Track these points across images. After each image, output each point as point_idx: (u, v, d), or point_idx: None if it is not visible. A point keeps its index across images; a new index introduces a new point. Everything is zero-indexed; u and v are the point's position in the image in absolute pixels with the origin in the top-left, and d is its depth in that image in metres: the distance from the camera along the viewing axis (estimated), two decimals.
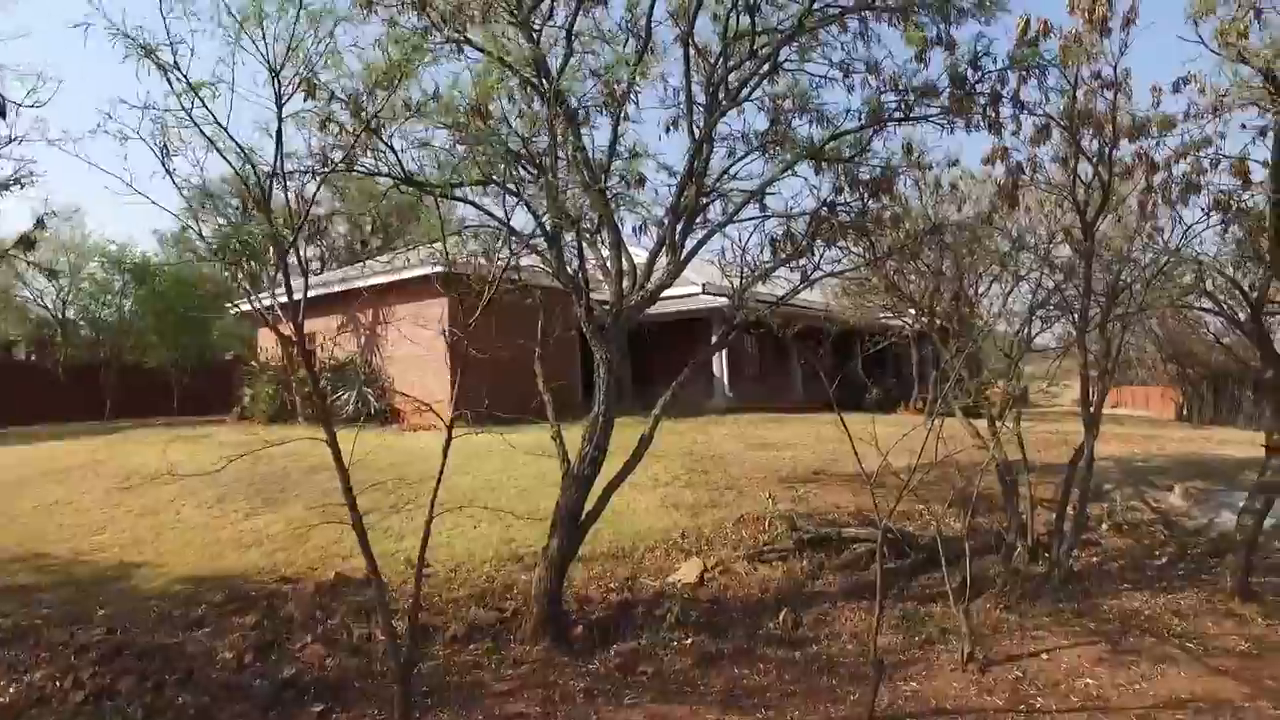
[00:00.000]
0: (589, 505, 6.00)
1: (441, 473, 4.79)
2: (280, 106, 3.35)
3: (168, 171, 3.30)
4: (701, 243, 6.09)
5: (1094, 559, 7.63)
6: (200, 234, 5.43)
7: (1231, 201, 7.54)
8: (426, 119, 5.37)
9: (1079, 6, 6.19)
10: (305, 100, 4.61)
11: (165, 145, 3.29)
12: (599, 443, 5.87)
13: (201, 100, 3.14)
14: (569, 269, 5.63)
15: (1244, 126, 6.86)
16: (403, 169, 5.21)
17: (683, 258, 5.88)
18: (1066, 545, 6.93)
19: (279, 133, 3.37)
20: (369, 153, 5.46)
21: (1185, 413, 21.62)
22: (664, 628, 5.87)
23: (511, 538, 7.60)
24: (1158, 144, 7.18)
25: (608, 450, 5.97)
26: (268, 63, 3.24)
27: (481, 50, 5.25)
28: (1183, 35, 5.69)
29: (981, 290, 16.37)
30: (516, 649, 5.64)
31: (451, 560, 7.14)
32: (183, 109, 3.15)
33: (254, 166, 3.46)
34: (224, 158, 3.34)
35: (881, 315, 13.01)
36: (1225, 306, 8.36)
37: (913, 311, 8.54)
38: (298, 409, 15.78)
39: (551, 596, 5.77)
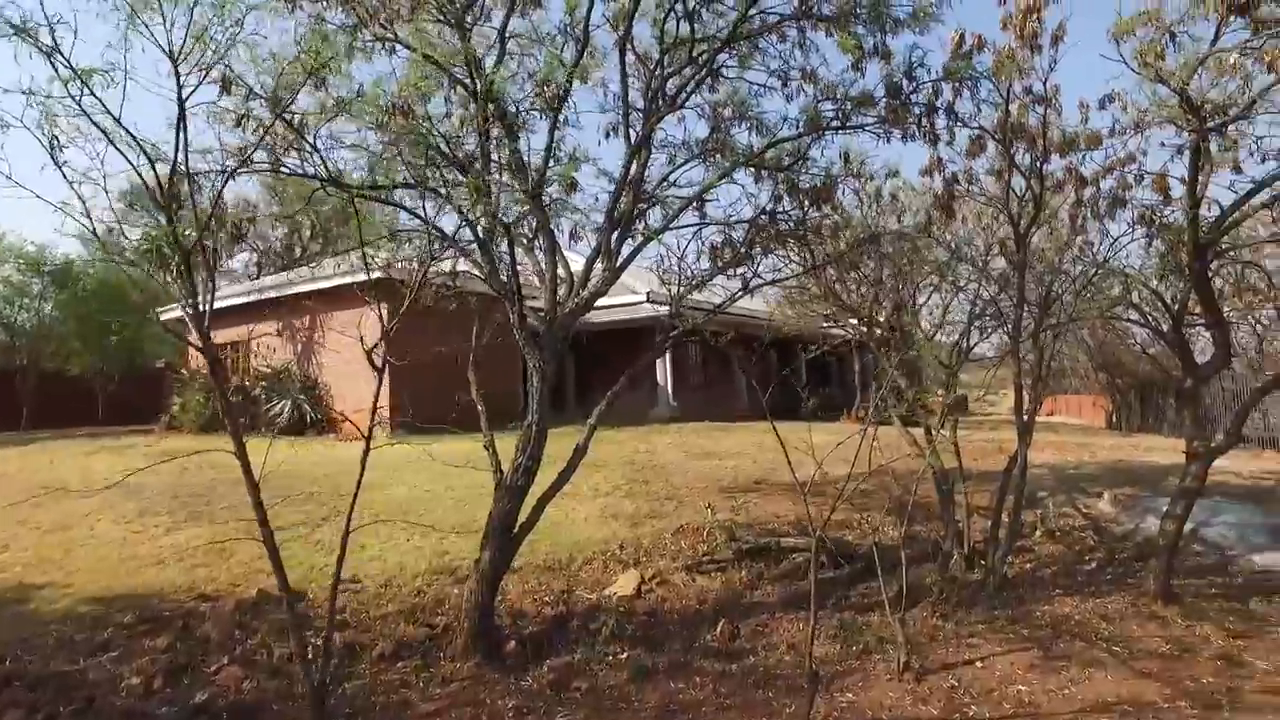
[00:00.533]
0: (523, 516, 5.85)
1: (359, 486, 4.61)
2: (182, 98, 3.14)
3: (57, 165, 3.06)
4: (638, 250, 6.01)
5: (1028, 565, 7.76)
6: (91, 233, 5.05)
7: (1154, 217, 7.80)
8: (355, 119, 5.18)
9: (1011, 23, 6.34)
10: (220, 95, 4.38)
11: (54, 137, 3.05)
12: (532, 452, 5.73)
13: (89, 88, 2.91)
14: (501, 275, 5.48)
15: (1164, 144, 7.09)
16: (326, 169, 5.01)
17: (618, 265, 5.78)
18: (1001, 553, 7.03)
19: (180, 126, 3.15)
20: (294, 152, 5.25)
21: (1115, 421, 22.37)
22: (599, 641, 5.74)
23: (446, 550, 7.39)
24: (1083, 159, 7.39)
25: (543, 460, 5.82)
26: (168, 50, 3.03)
27: (408, 47, 5.09)
28: (1106, 54, 5.84)
29: (922, 300, 16.69)
30: (446, 666, 5.45)
31: (383, 574, 6.90)
32: (70, 96, 2.92)
33: (153, 163, 3.24)
34: (119, 151, 3.11)
35: (825, 324, 13.15)
36: (1150, 318, 8.64)
37: (854, 321, 8.60)
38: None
39: (483, 611, 5.59)
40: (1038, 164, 6.65)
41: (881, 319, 9.75)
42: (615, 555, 7.31)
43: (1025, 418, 7.01)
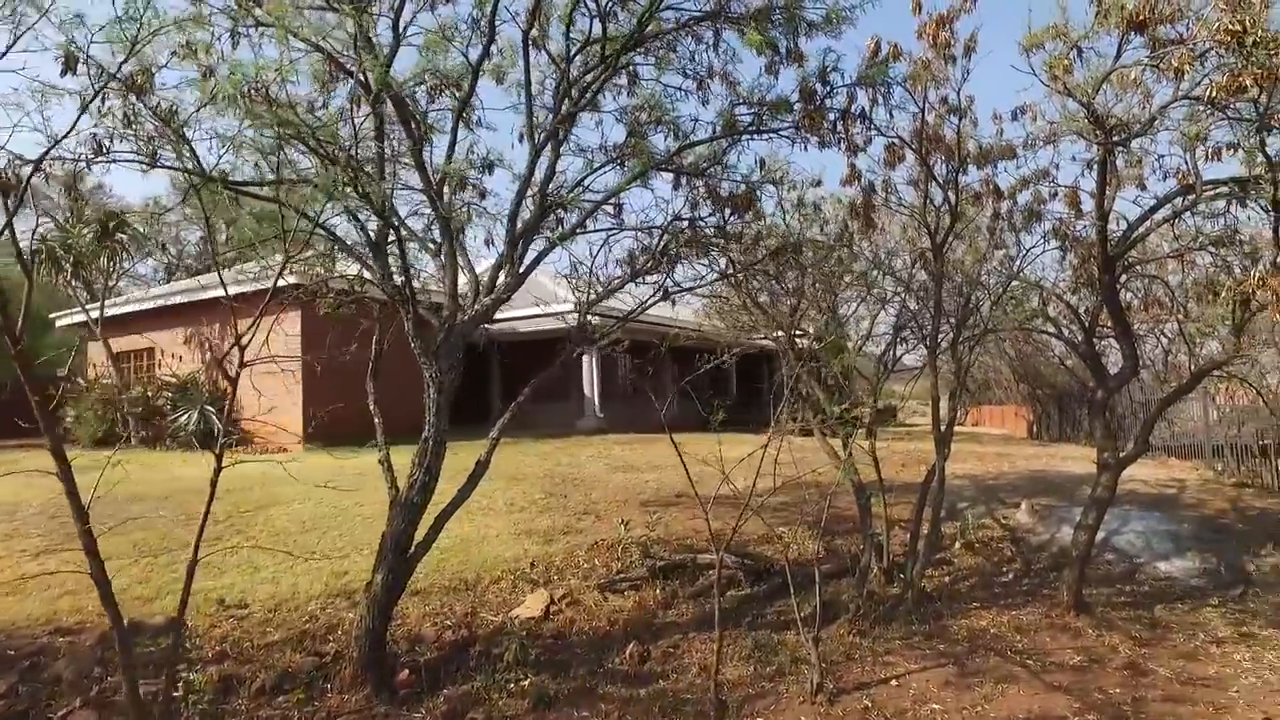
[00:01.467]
0: (421, 535, 5.49)
1: (209, 507, 4.17)
2: None
3: None
4: (542, 255, 5.74)
5: (946, 578, 7.72)
6: None
7: (1067, 231, 7.92)
8: (232, 111, 4.77)
9: (925, 32, 6.31)
10: (64, 75, 3.94)
11: None
12: (429, 467, 5.38)
13: None
14: (395, 280, 5.13)
15: (1074, 159, 7.20)
16: (198, 163, 4.59)
17: (521, 271, 5.50)
18: (919, 566, 6.95)
19: None
20: (167, 144, 4.81)
21: (1036, 431, 23.03)
22: (501, 668, 5.40)
23: (346, 570, 6.94)
24: (996, 170, 7.44)
25: (439, 475, 5.47)
26: None
27: (295, 34, 4.72)
28: (1016, 66, 5.85)
29: (847, 311, 16.80)
30: (333, 699, 5.04)
31: (274, 598, 6.41)
32: None
33: None
34: None
35: (753, 335, 13.08)
36: (1065, 330, 8.77)
37: (780, 332, 8.48)
38: (131, 432, 14.28)
39: (374, 639, 5.20)
40: (953, 174, 6.63)
41: (807, 330, 9.70)
42: (526, 574, 6.97)
43: (943, 429, 6.96)
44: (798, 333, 11.10)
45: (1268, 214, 6.59)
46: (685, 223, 6.59)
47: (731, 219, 7.89)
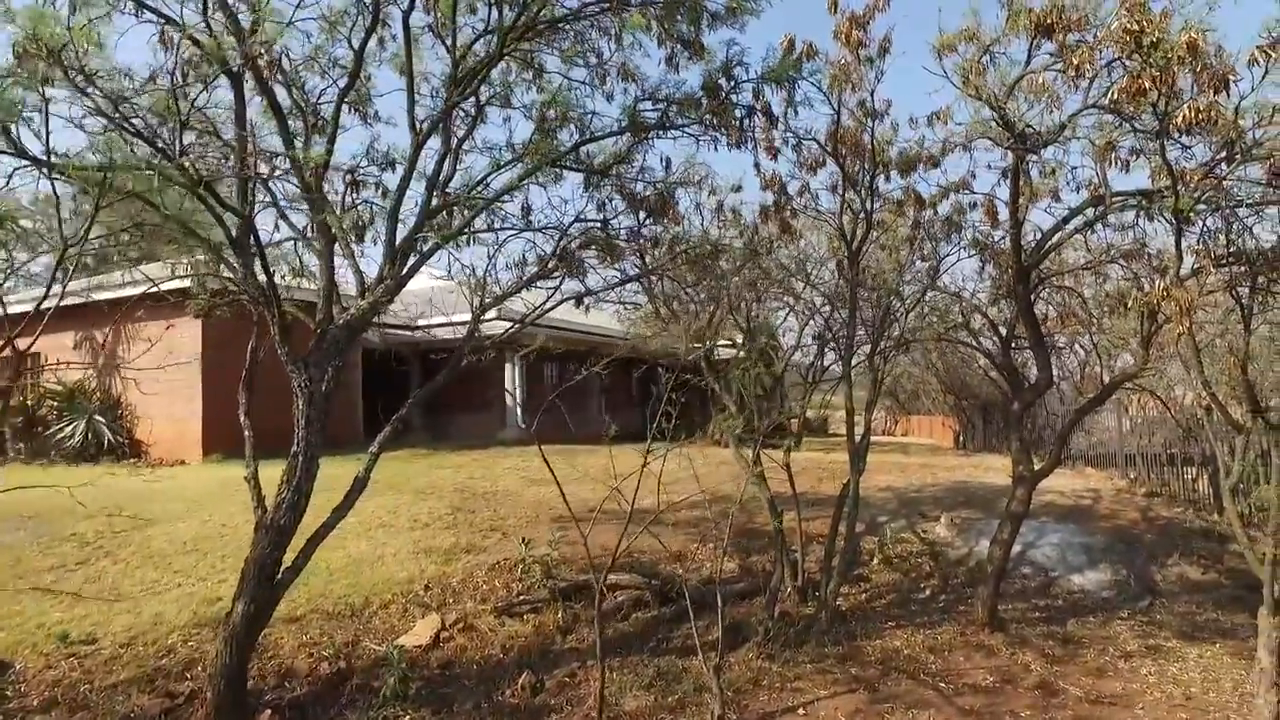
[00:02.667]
0: (290, 559, 4.97)
1: None
2: None
3: None
4: (427, 255, 5.29)
5: (863, 595, 7.51)
6: None
7: (985, 243, 7.86)
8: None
9: (840, 32, 6.12)
10: None
11: None
12: (299, 485, 4.87)
13: None
14: (259, 278, 4.63)
15: (990, 167, 7.11)
16: (47, 148, 4.04)
17: (404, 272, 5.05)
18: (834, 585, 6.72)
19: None
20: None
21: (961, 441, 23.38)
22: (377, 704, 4.93)
23: (219, 596, 6.33)
24: (914, 179, 7.31)
25: (310, 493, 4.96)
26: None
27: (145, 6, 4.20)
28: (929, 68, 5.69)
29: (778, 322, 16.71)
30: None
31: (130, 631, 5.77)
32: None
33: None
34: None
35: (677, 344, 12.84)
36: (983, 342, 8.73)
37: (696, 342, 8.18)
38: (5, 443, 13.18)
39: (231, 677, 4.66)
40: (869, 179, 6.45)
41: (734, 339, 9.46)
42: (419, 597, 6.48)
43: (859, 442, 6.75)
44: (724, 343, 10.91)
45: (1171, 228, 6.62)
46: (594, 225, 6.24)
47: (647, 223, 7.61)
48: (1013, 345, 7.90)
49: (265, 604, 4.87)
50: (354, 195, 6.53)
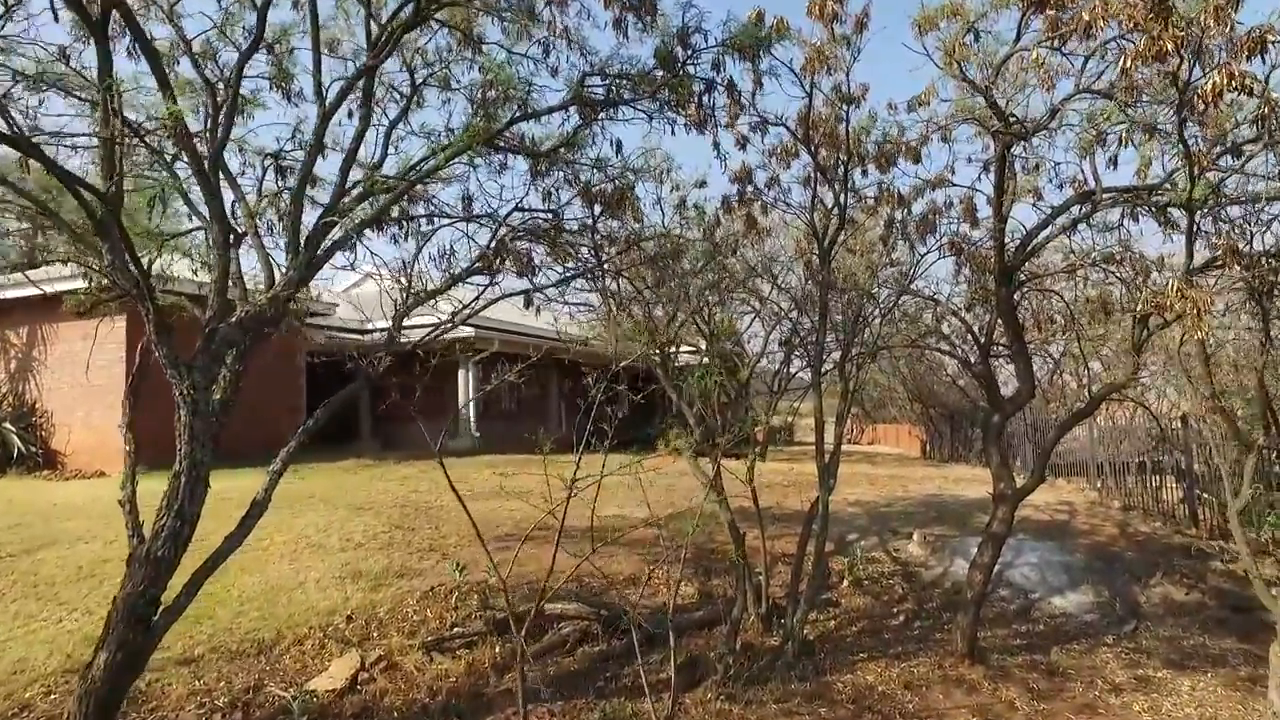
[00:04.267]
0: (170, 597, 4.22)
1: None
2: None
3: None
4: (338, 246, 4.59)
5: (832, 622, 6.94)
6: None
7: (962, 245, 7.37)
8: None
9: (814, 7, 5.56)
10: None
11: None
12: (182, 510, 4.13)
13: None
14: (130, 268, 3.88)
15: (971, 160, 6.61)
16: None
17: (305, 263, 4.35)
18: (801, 614, 6.13)
19: None
20: None
21: (929, 450, 23.09)
22: None
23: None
24: (892, 174, 6.79)
25: (197, 519, 4.22)
26: None
27: None
28: (908, 45, 5.15)
29: (744, 327, 16.18)
30: None
31: None
32: None
33: None
34: None
35: (645, 350, 12.22)
36: (959, 348, 8.25)
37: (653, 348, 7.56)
38: None
39: None
40: (844, 168, 5.90)
41: (698, 345, 8.87)
42: (339, 631, 5.74)
43: (828, 459, 6.18)
44: (688, 349, 10.31)
45: (1162, 226, 6.17)
46: (538, 215, 5.60)
47: (602, 218, 7.00)
48: (990, 353, 7.42)
49: (137, 652, 4.10)
50: (281, 181, 5.84)
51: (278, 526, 8.45)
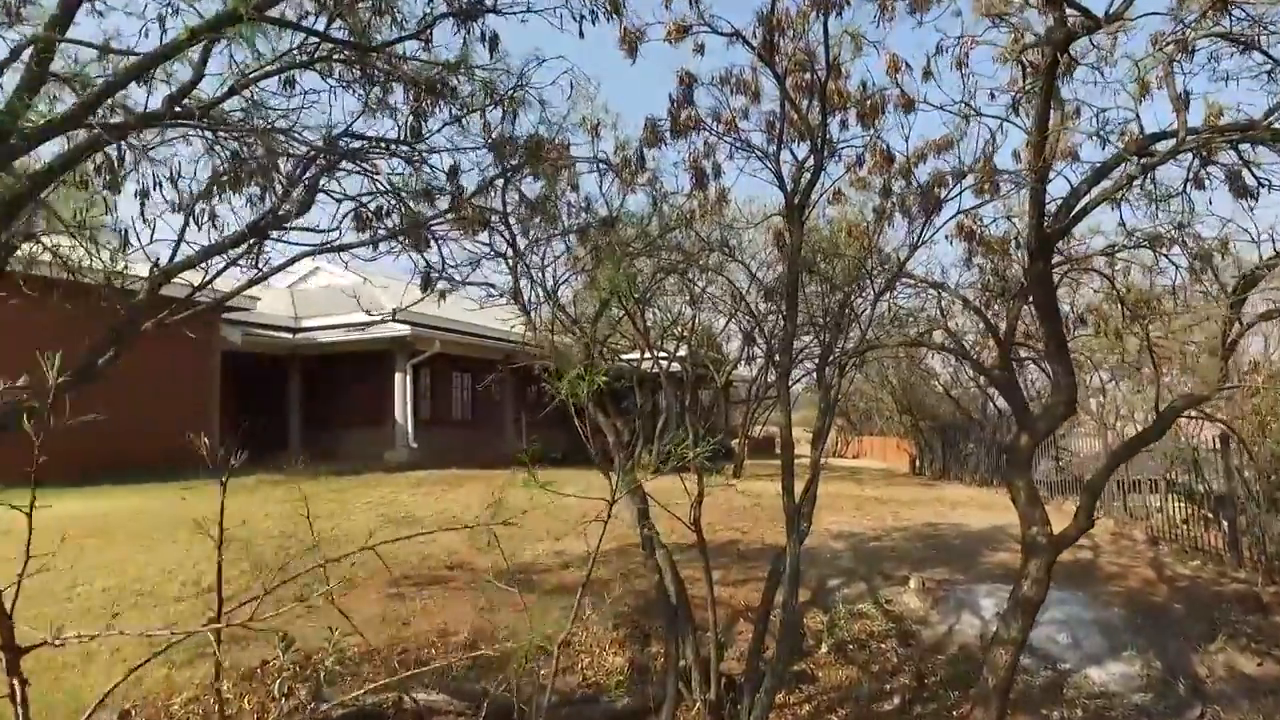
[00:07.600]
0: None
1: None
2: None
3: None
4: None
5: (807, 706, 5.25)
6: None
7: (977, 228, 5.77)
8: None
9: None
10: None
11: None
12: None
13: None
14: None
15: (993, 95, 4.98)
16: None
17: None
18: (765, 700, 4.46)
19: None
20: None
21: (919, 465, 21.48)
22: None
23: None
24: (874, 126, 5.16)
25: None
26: None
27: None
28: None
29: (719, 329, 14.55)
30: None
31: None
32: None
33: None
34: None
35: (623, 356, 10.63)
36: (970, 349, 6.61)
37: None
38: None
39: None
40: (819, 87, 4.25)
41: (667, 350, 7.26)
42: None
43: (798, 502, 4.49)
44: (662, 354, 8.81)
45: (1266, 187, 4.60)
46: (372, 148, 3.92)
47: (519, 179, 5.46)
48: (1011, 354, 5.78)
49: None
50: None
51: (112, 567, 6.73)
